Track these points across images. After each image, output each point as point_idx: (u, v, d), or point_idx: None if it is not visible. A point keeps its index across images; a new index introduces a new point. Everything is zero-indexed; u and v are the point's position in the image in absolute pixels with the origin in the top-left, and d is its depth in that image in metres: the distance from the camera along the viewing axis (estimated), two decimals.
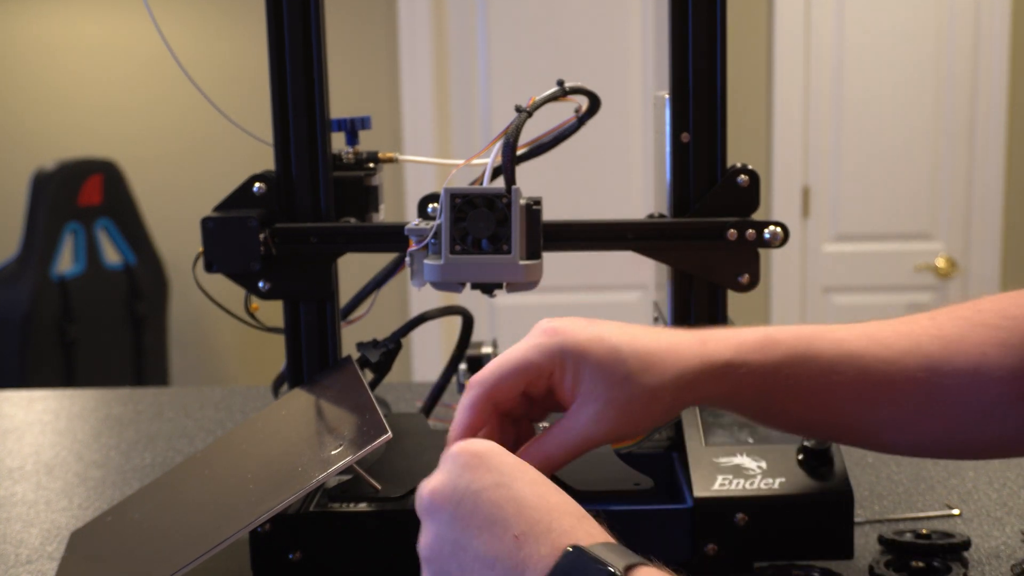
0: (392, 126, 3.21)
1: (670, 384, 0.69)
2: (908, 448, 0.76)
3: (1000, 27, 3.10)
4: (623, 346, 0.70)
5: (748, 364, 0.70)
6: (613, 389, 0.69)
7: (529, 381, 0.70)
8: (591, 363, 0.69)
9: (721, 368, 0.70)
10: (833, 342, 0.72)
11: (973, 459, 0.78)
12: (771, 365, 0.71)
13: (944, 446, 0.75)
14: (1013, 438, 0.73)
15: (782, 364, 0.71)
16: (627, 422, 0.70)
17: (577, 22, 3.17)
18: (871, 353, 0.72)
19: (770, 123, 3.18)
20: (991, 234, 3.19)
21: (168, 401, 1.43)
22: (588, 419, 0.69)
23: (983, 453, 0.77)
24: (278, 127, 0.91)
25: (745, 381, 0.70)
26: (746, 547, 0.78)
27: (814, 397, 0.72)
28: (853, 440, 0.76)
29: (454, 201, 0.81)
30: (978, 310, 0.75)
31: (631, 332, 0.71)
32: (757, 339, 0.71)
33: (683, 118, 0.89)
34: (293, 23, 0.90)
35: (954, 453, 0.77)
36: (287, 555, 0.79)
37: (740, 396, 0.72)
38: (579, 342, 0.70)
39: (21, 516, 1.02)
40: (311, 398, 0.91)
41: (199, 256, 0.90)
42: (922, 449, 0.76)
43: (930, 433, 0.73)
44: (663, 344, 0.71)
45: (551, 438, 0.70)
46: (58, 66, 3.32)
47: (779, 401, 0.72)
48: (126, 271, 3.22)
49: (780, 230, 0.87)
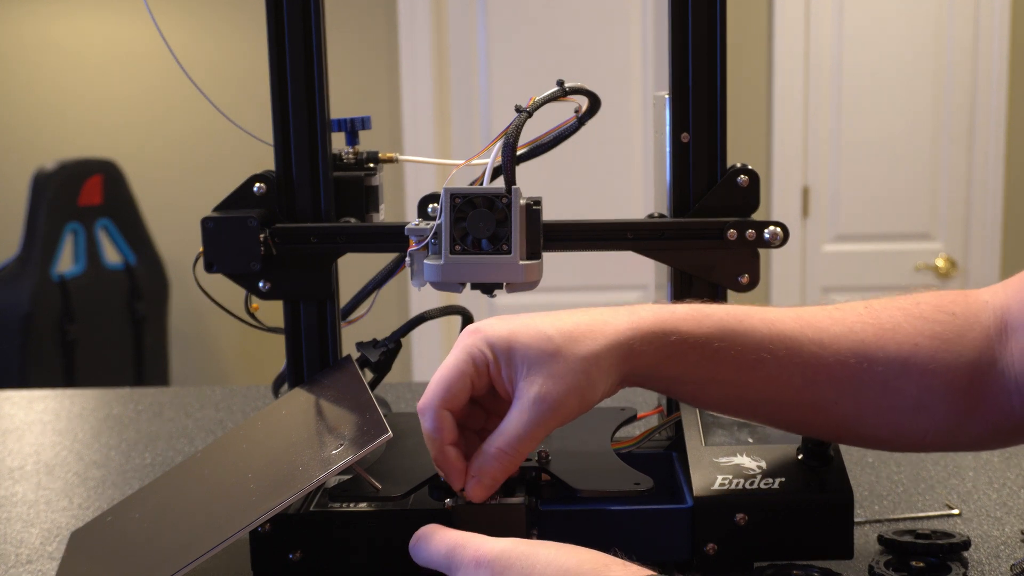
0: (392, 126, 3.21)
1: (603, 351, 0.70)
2: (833, 432, 0.76)
3: (1000, 27, 3.10)
4: (547, 327, 0.70)
5: (679, 332, 0.71)
6: (548, 365, 0.69)
7: (471, 384, 0.71)
8: (520, 347, 0.70)
9: (653, 334, 0.70)
10: (765, 321, 0.73)
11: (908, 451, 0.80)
12: (702, 335, 0.71)
13: (873, 433, 0.76)
14: (947, 431, 0.74)
15: (713, 336, 0.71)
16: (570, 394, 0.69)
17: (577, 22, 3.17)
18: (804, 335, 0.73)
19: (770, 123, 3.18)
20: (991, 234, 3.19)
21: (168, 401, 1.43)
22: (534, 400, 0.69)
23: (918, 445, 0.77)
24: (278, 127, 0.91)
25: (677, 349, 0.71)
26: (746, 547, 0.78)
27: (744, 372, 0.72)
28: (780, 420, 0.77)
29: (454, 201, 0.81)
30: (916, 303, 0.76)
31: (554, 315, 0.72)
32: (688, 310, 0.72)
33: (683, 118, 0.89)
34: (293, 23, 0.90)
35: (884, 443, 0.78)
36: (287, 555, 0.79)
37: (672, 366, 0.71)
38: (503, 333, 0.71)
39: (21, 516, 1.02)
40: (311, 398, 0.91)
41: (199, 256, 0.90)
42: (848, 434, 0.76)
43: (857, 418, 0.74)
44: (591, 317, 0.71)
45: (506, 427, 0.70)
46: (59, 66, 3.32)
47: (710, 374, 0.72)
48: (126, 271, 3.22)
49: (780, 230, 0.87)
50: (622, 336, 0.70)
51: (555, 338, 0.70)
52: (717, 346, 0.71)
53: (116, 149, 3.26)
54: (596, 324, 0.71)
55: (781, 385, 0.73)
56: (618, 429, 0.89)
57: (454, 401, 0.71)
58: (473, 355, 0.71)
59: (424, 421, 0.72)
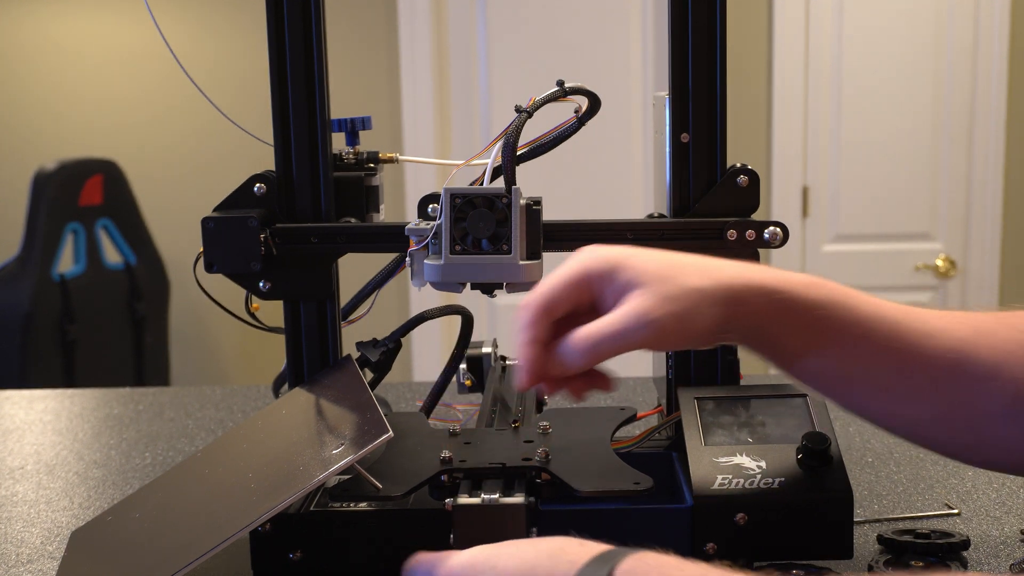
0: (392, 126, 3.21)
1: (713, 287, 0.70)
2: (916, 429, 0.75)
3: (999, 27, 3.10)
4: (662, 255, 0.72)
5: (786, 292, 0.71)
6: (658, 285, 0.69)
7: (580, 292, 0.71)
8: (634, 265, 0.71)
9: (761, 288, 0.71)
10: (871, 302, 0.73)
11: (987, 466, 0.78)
12: (809, 301, 0.71)
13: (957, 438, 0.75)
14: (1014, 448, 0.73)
15: (819, 303, 0.71)
16: (672, 318, 0.69)
17: (577, 22, 3.17)
18: (906, 321, 0.73)
19: (770, 123, 3.18)
20: (990, 234, 3.19)
21: (168, 401, 1.43)
22: (637, 310, 0.69)
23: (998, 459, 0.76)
24: (278, 127, 0.91)
25: (782, 308, 0.71)
26: (746, 547, 0.78)
27: (845, 347, 0.72)
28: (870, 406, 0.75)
29: (454, 201, 0.81)
30: (1012, 315, 0.75)
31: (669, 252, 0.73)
32: (800, 277, 0.73)
33: (683, 118, 0.89)
34: (293, 23, 0.90)
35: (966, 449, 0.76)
36: (287, 555, 0.79)
37: (774, 325, 0.71)
38: (618, 251, 0.72)
39: (22, 516, 1.02)
40: (311, 397, 0.91)
41: (199, 256, 0.90)
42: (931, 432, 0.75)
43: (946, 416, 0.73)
44: (708, 259, 0.73)
45: (602, 324, 0.70)
46: (59, 66, 3.32)
47: (811, 342, 0.72)
48: (127, 271, 3.22)
49: (780, 230, 0.88)
50: (734, 281, 0.71)
51: (671, 266, 0.71)
52: (820, 314, 0.71)
53: (116, 149, 3.26)
54: (710, 265, 0.72)
55: (877, 367, 0.73)
56: (618, 429, 0.89)
57: (555, 305, 0.72)
58: (585, 268, 0.72)
59: (520, 315, 0.72)
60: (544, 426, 0.86)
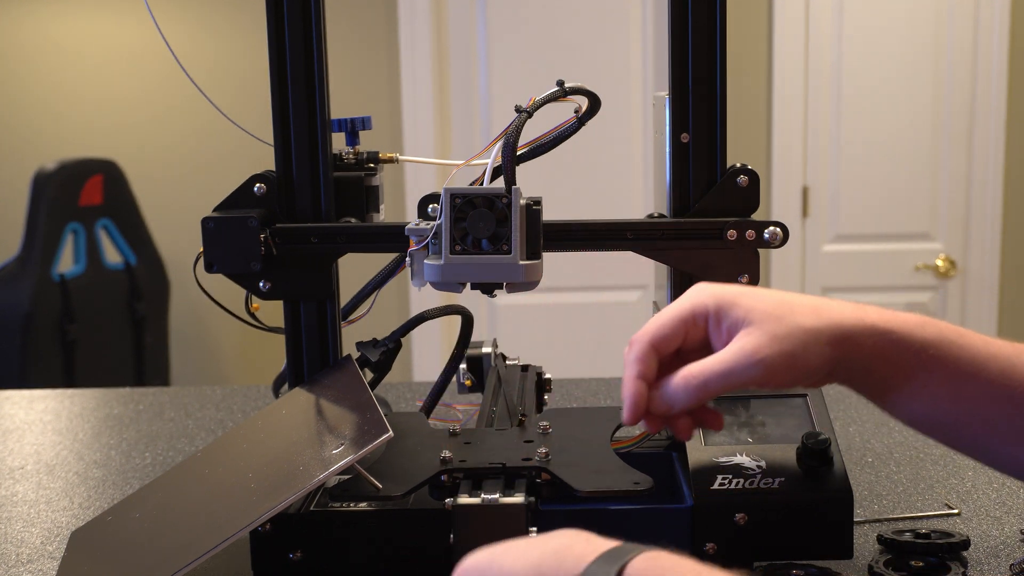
0: (392, 126, 3.21)
1: (827, 329, 0.70)
2: None
3: (1000, 27, 3.10)
4: (775, 295, 0.72)
5: (899, 333, 0.71)
6: (769, 324, 0.69)
7: (688, 329, 0.72)
8: (746, 304, 0.71)
9: (874, 329, 0.70)
10: (983, 340, 0.73)
11: None
12: (923, 341, 0.71)
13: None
14: None
15: (931, 343, 0.71)
16: (783, 359, 0.69)
17: (577, 22, 3.17)
18: (1020, 360, 0.72)
19: (770, 123, 3.18)
20: (990, 234, 3.19)
21: (168, 401, 1.43)
22: (747, 349, 0.69)
23: None
24: (278, 127, 0.91)
25: (894, 349, 0.70)
26: (746, 547, 0.78)
27: (956, 386, 0.71)
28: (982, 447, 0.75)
29: (454, 201, 0.81)
30: None
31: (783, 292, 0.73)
32: (912, 316, 0.72)
33: (683, 118, 0.89)
34: (293, 23, 0.90)
35: None
36: (287, 555, 0.79)
37: (886, 365, 0.71)
38: (731, 290, 0.72)
39: (22, 516, 1.02)
40: (311, 397, 0.91)
41: (199, 256, 0.90)
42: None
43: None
44: (819, 299, 0.72)
45: (711, 362, 0.70)
46: (59, 66, 3.32)
47: (922, 382, 0.71)
48: (127, 271, 3.22)
49: (780, 230, 0.87)
50: (846, 321, 0.71)
51: (782, 305, 0.71)
52: (933, 354, 0.71)
53: (116, 149, 3.26)
54: (823, 305, 0.72)
55: (990, 406, 0.72)
56: (618, 429, 0.89)
57: (662, 342, 0.72)
58: (695, 305, 0.72)
59: (628, 351, 0.72)
60: (544, 426, 0.86)
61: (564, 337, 3.19)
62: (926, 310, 3.22)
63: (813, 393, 0.87)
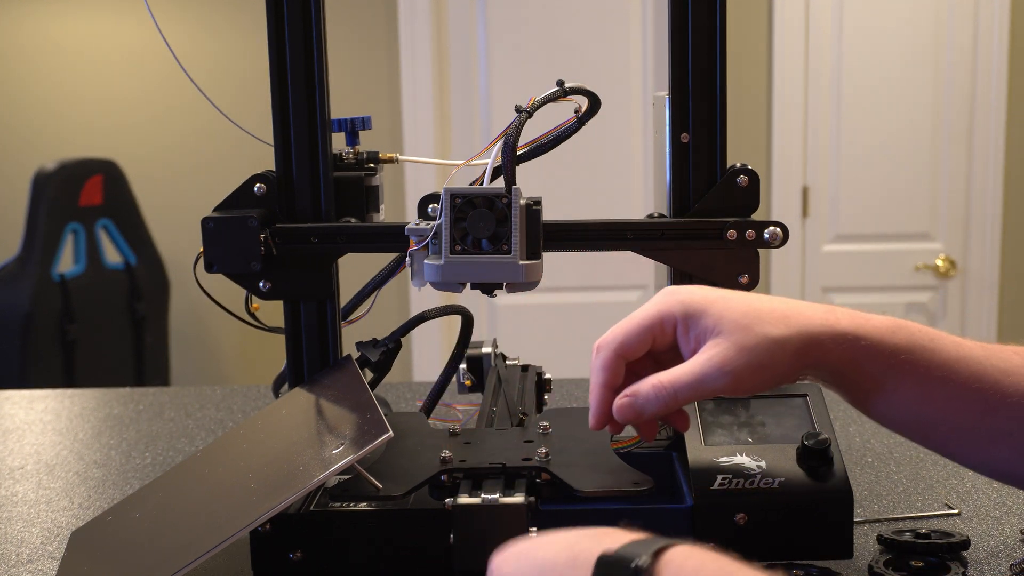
0: (392, 126, 3.21)
1: (796, 337, 0.70)
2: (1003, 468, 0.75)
3: (1000, 27, 3.10)
4: (743, 303, 0.72)
5: (870, 339, 0.71)
6: (739, 333, 0.70)
7: (655, 336, 0.73)
8: (715, 314, 0.71)
9: (844, 335, 0.71)
10: (954, 343, 0.73)
11: None
12: (893, 346, 0.71)
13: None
14: None
15: (902, 348, 0.71)
16: (751, 369, 0.70)
17: (577, 22, 3.17)
18: (989, 362, 0.72)
19: (770, 123, 3.18)
20: (990, 234, 3.19)
21: (168, 401, 1.43)
22: (715, 360, 0.70)
23: None
24: (278, 127, 0.91)
25: (865, 354, 0.71)
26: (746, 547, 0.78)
27: (927, 389, 0.72)
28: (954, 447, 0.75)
29: (454, 201, 0.81)
30: None
31: (753, 295, 0.74)
32: (883, 320, 0.73)
33: (683, 118, 0.89)
34: (293, 23, 0.90)
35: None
36: (287, 555, 0.79)
37: (857, 371, 0.72)
38: (699, 298, 0.73)
39: (22, 515, 1.02)
40: (311, 397, 0.91)
41: (199, 256, 0.90)
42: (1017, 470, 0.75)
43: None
44: (788, 304, 0.73)
45: (680, 372, 0.71)
46: (59, 66, 3.32)
47: (894, 385, 0.72)
48: (127, 271, 3.22)
49: (780, 230, 0.87)
50: (814, 328, 0.71)
51: (749, 314, 0.71)
52: (903, 359, 0.71)
53: (116, 149, 3.26)
54: (792, 311, 0.72)
55: (961, 409, 0.72)
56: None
57: (629, 350, 0.73)
58: (663, 313, 0.73)
59: (595, 357, 0.74)
60: (544, 426, 0.86)
61: (564, 337, 3.19)
62: (926, 310, 3.22)
63: (813, 393, 0.87)
